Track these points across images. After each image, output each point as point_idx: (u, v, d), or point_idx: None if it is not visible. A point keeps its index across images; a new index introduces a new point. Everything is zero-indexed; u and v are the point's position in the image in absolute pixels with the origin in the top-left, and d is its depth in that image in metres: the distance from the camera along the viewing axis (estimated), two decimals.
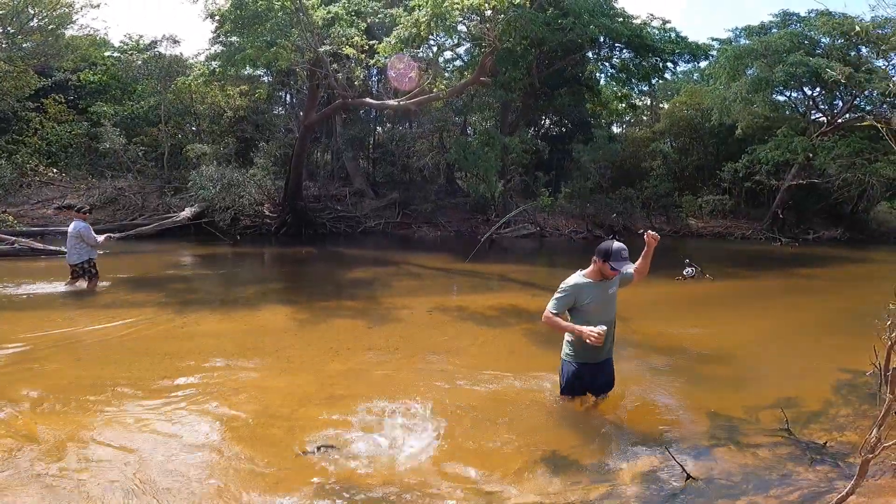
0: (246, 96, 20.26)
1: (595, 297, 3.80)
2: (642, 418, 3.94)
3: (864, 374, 4.80)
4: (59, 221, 15.81)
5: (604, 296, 3.84)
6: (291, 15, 13.14)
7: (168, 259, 12.04)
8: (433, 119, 20.73)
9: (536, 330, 7.15)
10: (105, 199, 16.87)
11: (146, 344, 5.77)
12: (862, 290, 10.33)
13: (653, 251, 4.01)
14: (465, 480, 3.07)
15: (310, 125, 17.12)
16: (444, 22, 12.50)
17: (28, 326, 6.06)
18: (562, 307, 3.82)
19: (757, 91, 18.68)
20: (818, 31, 19.08)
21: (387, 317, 7.59)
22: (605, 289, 3.85)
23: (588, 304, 3.79)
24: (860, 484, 2.44)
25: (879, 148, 18.46)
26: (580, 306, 3.80)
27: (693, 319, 6.77)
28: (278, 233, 17.21)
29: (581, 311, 3.80)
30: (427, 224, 19.52)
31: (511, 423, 3.83)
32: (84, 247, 7.92)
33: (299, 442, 3.48)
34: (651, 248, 3.99)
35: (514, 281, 10.82)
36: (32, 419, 3.69)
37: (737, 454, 3.37)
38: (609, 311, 3.88)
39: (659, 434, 3.52)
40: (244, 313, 7.29)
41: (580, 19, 17.96)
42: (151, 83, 18.93)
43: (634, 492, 2.96)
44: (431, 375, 4.88)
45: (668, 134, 24.39)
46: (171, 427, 3.65)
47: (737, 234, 21.47)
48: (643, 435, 3.56)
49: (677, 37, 21.32)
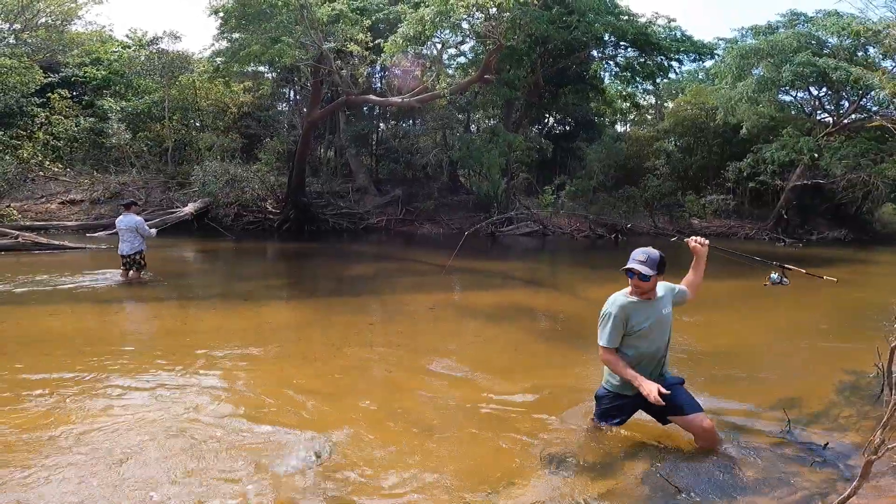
0: (250, 92, 20.29)
1: (644, 318, 3.27)
2: (642, 419, 3.92)
3: (867, 376, 4.78)
4: (62, 216, 15.90)
5: (658, 316, 3.31)
6: (296, 12, 13.14)
7: (170, 254, 12.07)
8: (437, 116, 20.72)
9: (539, 328, 7.15)
10: (109, 194, 16.92)
11: (146, 339, 5.79)
12: (865, 291, 10.28)
13: (705, 261, 3.55)
14: (465, 480, 3.06)
15: (313, 121, 17.13)
16: (449, 19, 12.48)
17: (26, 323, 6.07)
18: (615, 336, 3.26)
19: (763, 91, 18.59)
20: (826, 31, 18.98)
21: (389, 313, 7.59)
22: (657, 308, 3.32)
23: (641, 328, 3.26)
24: (862, 485, 2.42)
25: (885, 149, 18.38)
26: (631, 331, 3.28)
27: (693, 319, 6.74)
28: (281, 229, 17.24)
29: (632, 336, 3.28)
30: (430, 221, 19.52)
31: (511, 423, 3.82)
32: (139, 238, 8.29)
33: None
34: (700, 257, 3.54)
35: (516, 279, 10.81)
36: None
37: (738, 454, 3.36)
38: (661, 337, 3.35)
39: (659, 434, 3.50)
40: (246, 309, 7.30)
41: (585, 17, 17.91)
42: (155, 79, 18.97)
43: (633, 493, 2.96)
44: (433, 372, 4.87)
45: (673, 133, 24.30)
46: (169, 424, 3.65)
47: (740, 234, 21.39)
48: (643, 436, 3.55)
49: (682, 35, 21.22)
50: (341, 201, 19.49)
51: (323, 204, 18.78)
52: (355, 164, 21.67)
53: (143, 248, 8.41)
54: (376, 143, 23.02)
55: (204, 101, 19.49)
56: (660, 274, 3.28)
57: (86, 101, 19.84)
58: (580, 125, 24.70)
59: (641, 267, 3.20)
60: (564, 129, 25.75)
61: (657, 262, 3.23)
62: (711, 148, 23.60)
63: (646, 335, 3.28)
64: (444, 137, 21.36)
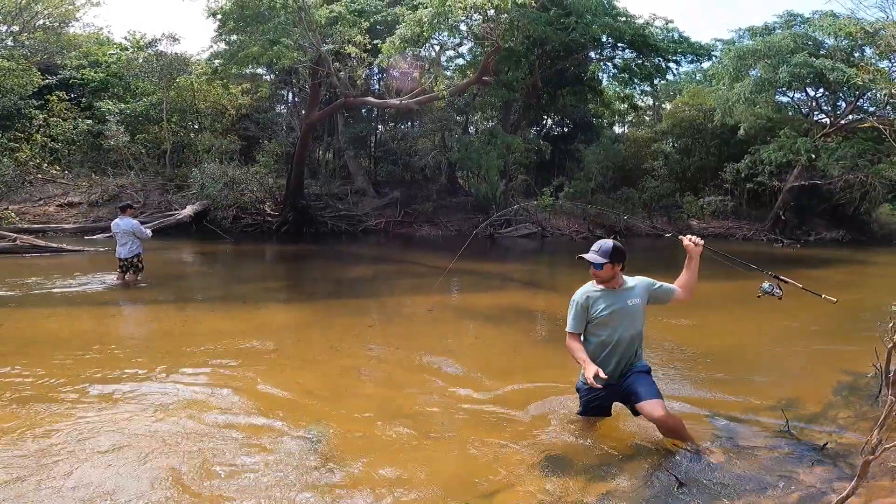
0: (248, 94, 20.29)
1: (605, 307, 3.37)
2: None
3: (864, 376, 4.78)
4: (60, 219, 15.87)
5: (620, 306, 3.37)
6: (294, 14, 13.15)
7: (169, 256, 12.06)
8: (435, 118, 20.74)
9: (537, 329, 7.15)
10: (107, 197, 16.90)
11: (145, 342, 5.78)
12: (863, 291, 10.31)
13: (698, 261, 3.48)
14: (465, 481, 3.06)
15: (312, 123, 17.14)
16: (447, 21, 12.50)
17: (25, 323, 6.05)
18: (577, 323, 3.42)
19: (760, 92, 18.64)
20: (822, 32, 19.04)
21: (387, 315, 7.59)
22: (622, 299, 3.40)
23: (600, 315, 3.38)
24: (860, 485, 2.43)
25: (883, 149, 18.42)
26: (592, 318, 3.41)
27: (692, 320, 6.75)
28: (279, 231, 17.23)
29: (593, 324, 3.42)
30: (428, 223, 19.54)
31: (511, 422, 3.82)
32: (136, 241, 8.29)
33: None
34: (692, 256, 3.46)
35: (514, 280, 10.82)
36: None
37: (736, 454, 3.36)
38: (624, 329, 3.39)
39: (658, 435, 3.51)
40: (245, 311, 7.30)
41: (582, 19, 17.95)
42: (153, 81, 18.96)
43: (633, 493, 2.96)
44: (431, 373, 4.87)
45: (671, 134, 24.37)
46: (162, 426, 3.64)
47: (738, 235, 21.45)
48: (642, 436, 3.55)
49: (680, 37, 21.29)
50: (340, 203, 19.49)
51: (321, 206, 18.79)
52: (354, 166, 21.68)
53: (141, 250, 8.40)
54: (375, 144, 23.04)
55: (202, 104, 19.48)
56: (615, 263, 3.34)
57: (84, 104, 19.83)
58: (578, 127, 24.75)
59: (592, 256, 3.33)
60: (563, 131, 25.80)
61: (609, 251, 3.31)
62: (709, 149, 23.66)
63: (606, 323, 3.37)
64: (443, 139, 21.39)
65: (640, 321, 3.46)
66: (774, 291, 3.69)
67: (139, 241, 8.33)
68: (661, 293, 3.50)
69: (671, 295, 3.50)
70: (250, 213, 17.52)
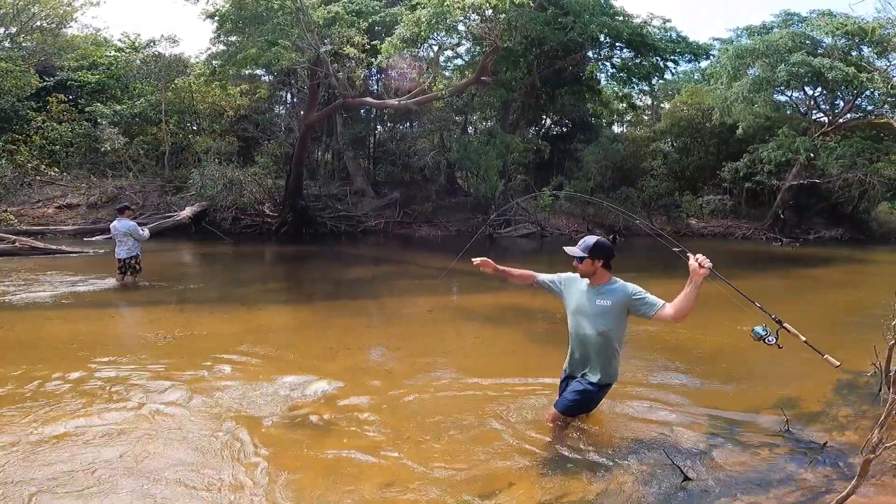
0: (247, 96, 20.28)
1: (577, 297, 3.45)
2: (641, 419, 3.92)
3: (864, 375, 4.79)
4: (59, 221, 15.85)
5: (586, 301, 3.38)
6: (292, 14, 13.15)
7: (168, 258, 12.04)
8: (434, 118, 20.74)
9: (538, 329, 7.15)
10: (106, 198, 16.87)
11: (144, 343, 5.77)
12: (862, 290, 10.32)
13: (699, 286, 3.11)
14: (464, 480, 3.06)
15: (310, 124, 17.13)
16: (446, 21, 12.51)
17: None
18: (551, 280, 3.61)
19: (758, 91, 18.67)
20: (820, 31, 19.07)
21: (387, 316, 7.58)
22: (592, 296, 3.37)
23: (568, 304, 3.51)
24: (861, 484, 2.43)
25: (881, 148, 18.47)
26: (565, 303, 3.54)
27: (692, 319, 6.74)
28: (279, 232, 17.22)
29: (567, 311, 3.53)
30: (427, 223, 19.53)
31: (510, 422, 3.82)
32: (134, 243, 8.31)
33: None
34: (695, 280, 3.11)
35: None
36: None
37: (736, 454, 3.36)
38: (586, 325, 3.36)
39: (658, 434, 3.51)
40: (244, 312, 7.29)
41: (580, 18, 17.96)
42: (151, 82, 18.94)
43: (633, 492, 2.96)
44: (431, 375, 4.87)
45: (669, 134, 24.40)
46: (163, 426, 3.64)
47: (737, 234, 21.47)
48: (642, 435, 3.56)
49: (678, 36, 21.31)
50: (339, 204, 19.48)
51: (321, 207, 18.77)
52: (353, 166, 21.66)
53: (138, 252, 8.40)
54: (374, 145, 23.03)
55: (201, 105, 19.45)
56: (595, 258, 3.34)
57: (82, 105, 19.80)
58: (577, 126, 24.75)
59: (572, 249, 3.40)
60: (561, 131, 25.80)
61: (589, 247, 3.33)
62: (708, 148, 23.69)
63: (572, 313, 3.49)
64: (442, 139, 21.38)
65: (608, 324, 3.32)
66: (768, 339, 3.34)
67: (137, 242, 8.32)
68: (642, 305, 3.26)
69: (654, 310, 3.23)
70: (249, 214, 17.50)
